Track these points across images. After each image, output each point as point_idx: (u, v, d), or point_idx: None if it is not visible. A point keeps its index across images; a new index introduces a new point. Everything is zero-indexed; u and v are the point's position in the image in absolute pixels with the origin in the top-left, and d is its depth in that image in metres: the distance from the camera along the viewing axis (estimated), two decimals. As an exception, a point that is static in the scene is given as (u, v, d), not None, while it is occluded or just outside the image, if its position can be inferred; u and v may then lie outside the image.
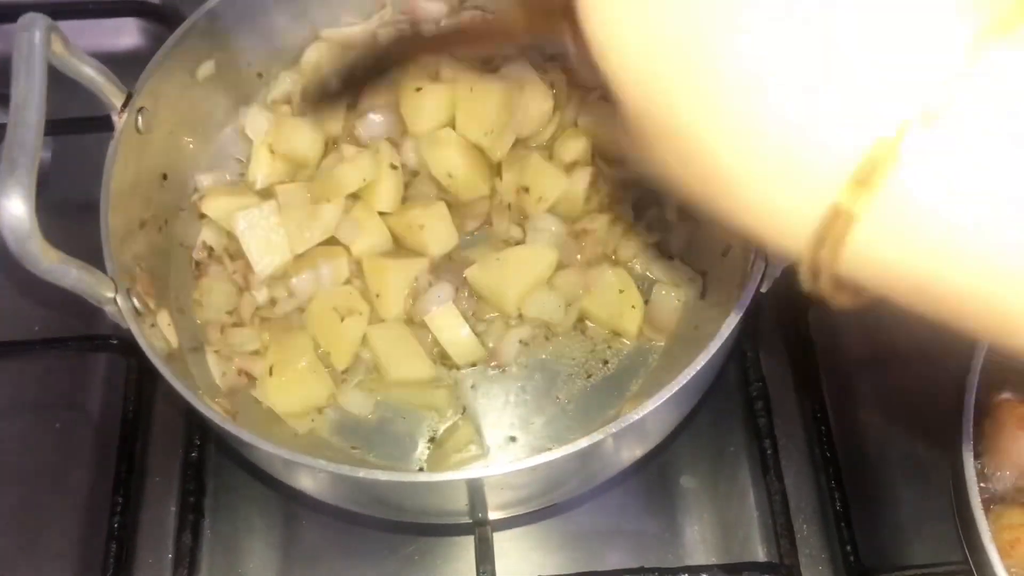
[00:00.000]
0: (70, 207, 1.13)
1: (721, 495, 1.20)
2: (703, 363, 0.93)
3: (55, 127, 1.36)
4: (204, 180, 1.23)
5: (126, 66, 1.15)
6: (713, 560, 1.15)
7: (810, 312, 1.25)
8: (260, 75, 1.29)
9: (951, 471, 1.08)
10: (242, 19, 1.21)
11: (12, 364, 1.29)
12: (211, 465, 1.21)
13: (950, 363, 1.15)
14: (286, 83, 1.29)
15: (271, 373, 1.14)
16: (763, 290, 1.00)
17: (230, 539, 1.18)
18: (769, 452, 1.16)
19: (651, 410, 0.91)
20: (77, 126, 1.31)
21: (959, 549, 1.06)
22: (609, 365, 1.21)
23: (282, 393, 1.14)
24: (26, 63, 0.90)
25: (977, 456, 1.06)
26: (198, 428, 1.20)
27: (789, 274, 1.01)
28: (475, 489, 0.94)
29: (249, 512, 1.19)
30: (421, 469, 1.13)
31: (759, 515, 1.18)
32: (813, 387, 1.21)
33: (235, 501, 1.20)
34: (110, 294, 0.96)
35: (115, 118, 1.07)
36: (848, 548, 1.10)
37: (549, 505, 1.11)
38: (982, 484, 1.03)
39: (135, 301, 1.00)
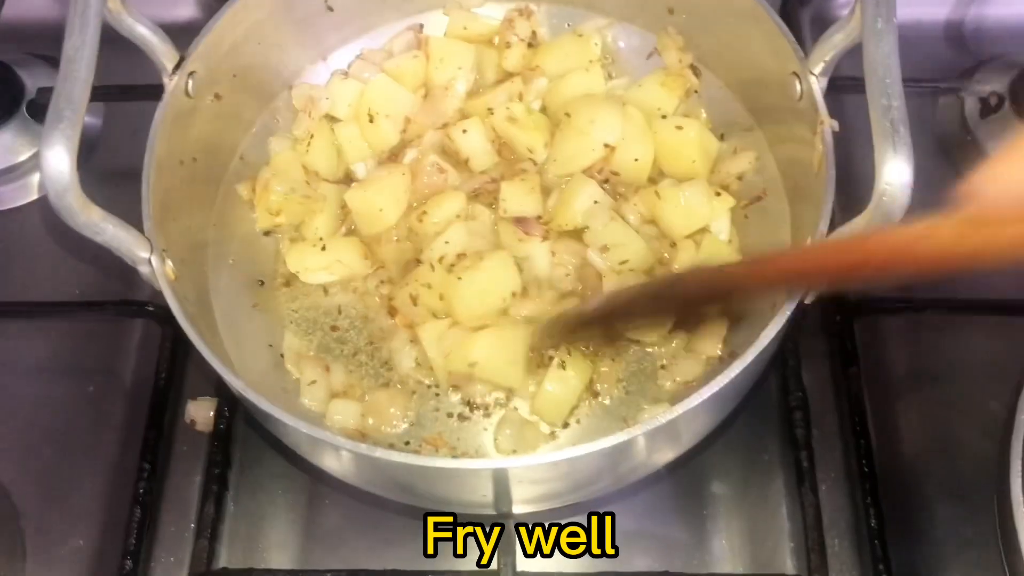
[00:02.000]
0: (117, 173, 1.13)
1: (752, 504, 1.17)
2: (737, 371, 0.90)
3: (107, 93, 1.40)
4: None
5: (180, 36, 1.14)
6: (740, 569, 1.12)
7: (856, 323, 1.22)
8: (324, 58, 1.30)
9: (996, 494, 1.04)
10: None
11: (51, 324, 1.30)
12: (238, 438, 1.21)
13: (999, 381, 1.12)
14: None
15: None
16: (807, 301, 0.97)
17: (253, 513, 1.18)
18: (805, 464, 1.13)
19: (681, 414, 0.89)
20: (128, 93, 1.32)
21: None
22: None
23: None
24: (81, 18, 0.90)
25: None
26: (227, 400, 1.19)
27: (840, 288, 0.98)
28: (500, 480, 0.92)
29: (273, 488, 1.19)
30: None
31: (790, 527, 1.15)
32: (854, 400, 1.17)
33: (260, 476, 1.19)
34: (144, 254, 0.96)
35: (166, 80, 1.07)
36: (881, 567, 1.06)
37: (575, 503, 1.09)
38: (1031, 511, 0.99)
39: (169, 264, 0.99)
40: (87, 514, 1.18)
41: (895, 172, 0.82)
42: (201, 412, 1.20)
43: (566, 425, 1.14)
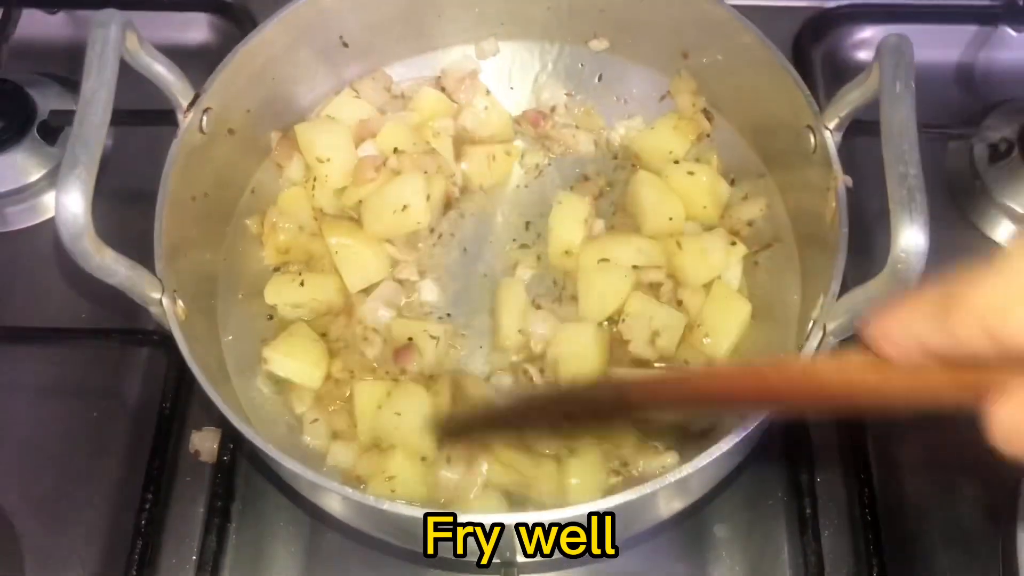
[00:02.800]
0: (127, 195, 1.13)
1: (754, 549, 1.17)
2: (751, 428, 0.90)
3: (118, 118, 1.39)
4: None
5: (192, 61, 1.15)
6: (742, 614, 1.12)
7: (861, 370, 1.22)
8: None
9: (1001, 549, 1.04)
10: (312, 28, 1.21)
11: (56, 350, 1.30)
12: (241, 470, 1.21)
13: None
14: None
15: None
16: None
17: (255, 547, 1.17)
18: (808, 511, 1.14)
19: (688, 473, 0.89)
20: (138, 117, 1.32)
21: (1003, 631, 1.02)
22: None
23: None
24: (99, 59, 0.91)
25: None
26: (231, 432, 1.19)
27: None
28: (503, 533, 0.92)
29: (275, 521, 1.19)
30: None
31: (792, 573, 1.15)
32: (858, 446, 1.17)
33: (263, 509, 1.19)
34: (156, 295, 0.96)
35: (180, 117, 1.07)
36: (882, 615, 1.06)
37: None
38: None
39: (180, 304, 0.99)
40: (88, 542, 1.18)
41: (911, 240, 0.82)
42: (205, 443, 1.20)
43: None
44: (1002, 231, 1.36)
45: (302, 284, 1.19)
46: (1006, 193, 1.35)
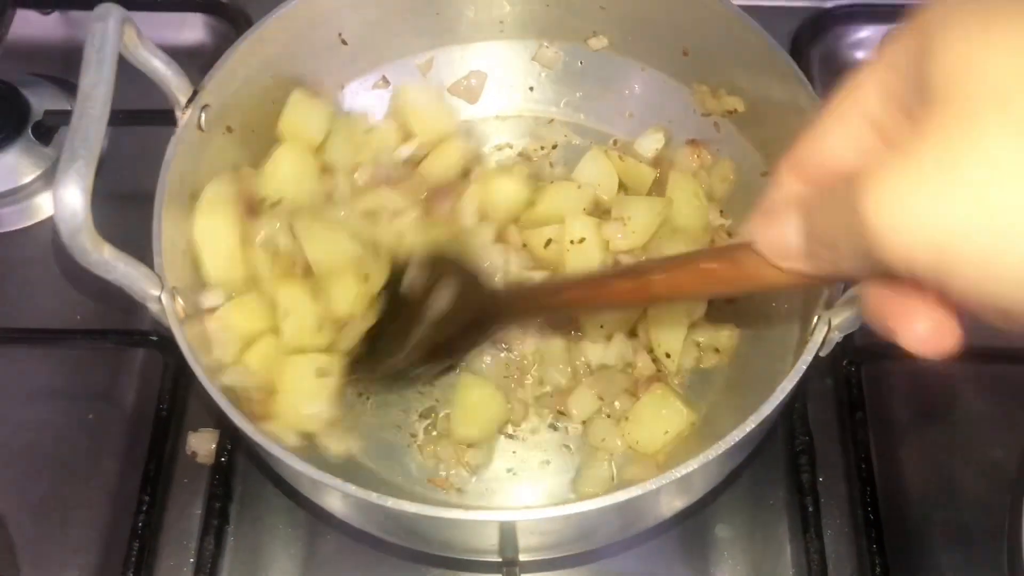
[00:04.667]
0: (123, 196, 1.11)
1: (757, 549, 1.16)
2: (751, 427, 0.90)
3: (115, 117, 1.38)
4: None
5: (188, 61, 1.13)
6: (744, 614, 1.12)
7: (863, 368, 1.22)
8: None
9: (1007, 548, 1.04)
10: (311, 26, 1.20)
11: (52, 351, 1.29)
12: (239, 471, 1.20)
13: (1005, 429, 1.12)
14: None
15: None
16: (822, 354, 0.97)
17: (253, 548, 1.16)
18: (810, 509, 1.13)
19: (685, 473, 0.89)
20: (135, 118, 1.31)
21: (1008, 629, 1.02)
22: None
23: None
24: (97, 54, 0.89)
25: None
26: (229, 433, 1.18)
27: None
28: (507, 531, 0.91)
29: (274, 523, 1.17)
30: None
31: (794, 573, 1.14)
32: (860, 445, 1.17)
33: (261, 510, 1.18)
34: (155, 292, 0.95)
35: (178, 114, 1.06)
36: (886, 614, 1.06)
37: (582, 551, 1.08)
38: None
39: (179, 301, 0.98)
40: (84, 545, 1.16)
41: (916, 232, 0.81)
42: (203, 444, 1.19)
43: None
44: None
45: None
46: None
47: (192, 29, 1.55)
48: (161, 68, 1.02)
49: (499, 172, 1.26)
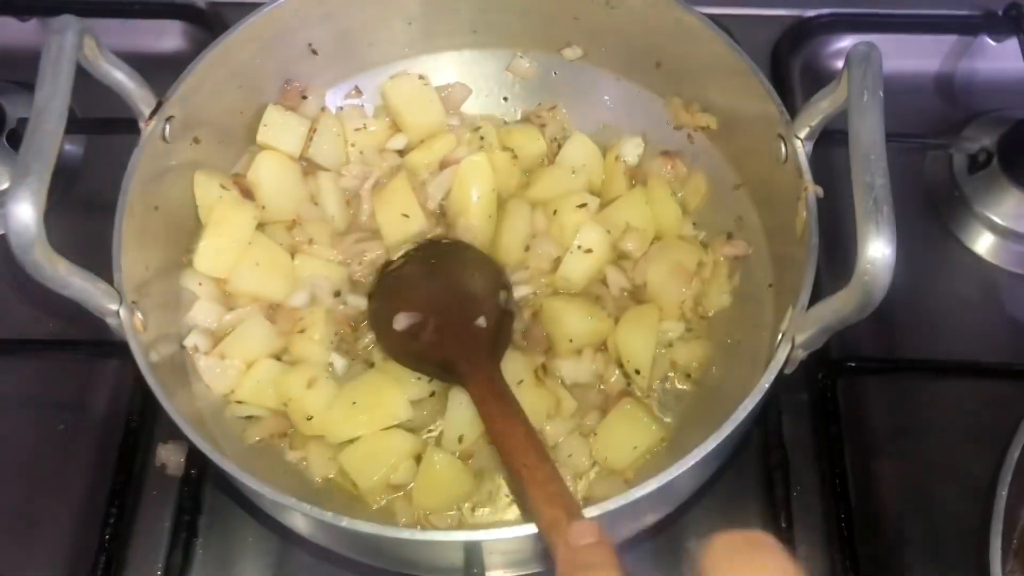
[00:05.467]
0: (96, 204, 1.10)
1: (729, 563, 1.15)
2: (711, 446, 0.90)
3: (90, 126, 1.39)
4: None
5: (165, 68, 1.14)
6: (715, 630, 1.10)
7: (839, 382, 1.21)
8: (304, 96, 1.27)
9: (975, 561, 1.03)
10: (280, 36, 1.19)
11: (23, 362, 1.28)
12: (209, 484, 1.19)
13: (979, 443, 1.11)
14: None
15: None
16: (787, 371, 0.96)
17: (222, 562, 1.15)
18: (784, 525, 1.12)
19: (650, 491, 0.88)
20: (110, 126, 1.30)
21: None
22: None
23: None
24: (53, 67, 0.89)
25: (1007, 555, 1.00)
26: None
27: (817, 349, 0.97)
28: (472, 550, 0.90)
29: (243, 536, 1.16)
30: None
31: (767, 588, 1.13)
32: (835, 460, 1.16)
33: (230, 524, 1.17)
34: (114, 306, 0.94)
35: (142, 125, 1.05)
36: (858, 629, 1.05)
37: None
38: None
39: (139, 316, 0.97)
40: (52, 557, 1.16)
41: (877, 251, 0.81)
42: (172, 456, 1.18)
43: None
44: (981, 242, 1.35)
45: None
46: (985, 203, 1.34)
47: (171, 37, 1.54)
48: (123, 79, 1.02)
49: (492, 152, 1.26)
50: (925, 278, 1.34)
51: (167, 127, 1.07)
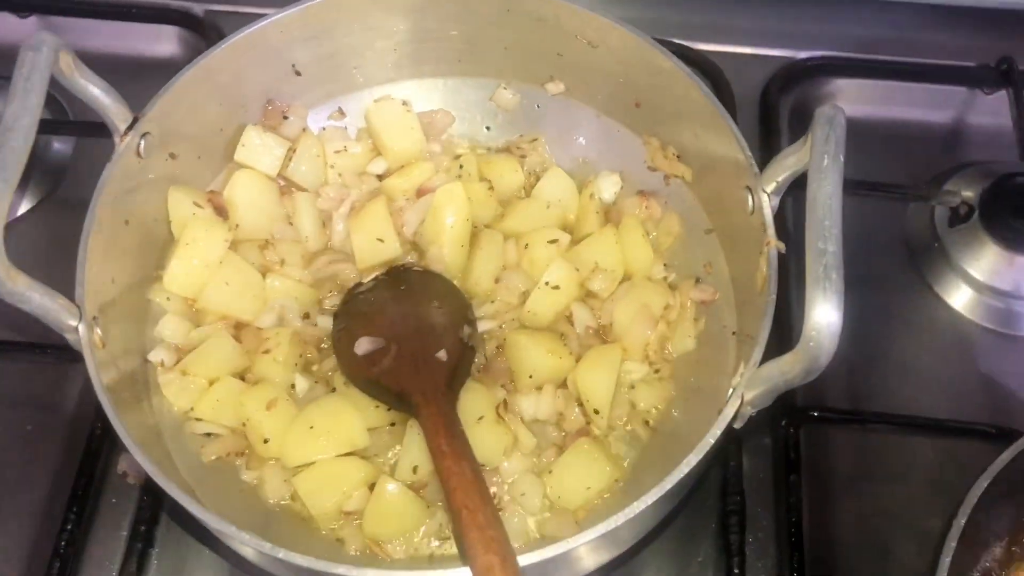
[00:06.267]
0: (81, 205, 1.10)
1: (681, 605, 1.15)
2: (651, 500, 0.91)
3: (78, 128, 1.40)
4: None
5: (159, 72, 1.15)
6: (665, 675, 1.11)
7: (801, 430, 1.21)
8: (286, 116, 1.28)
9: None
10: (263, 56, 1.20)
11: (-3, 362, 1.29)
12: (169, 496, 1.18)
13: (939, 498, 1.12)
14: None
15: None
16: (736, 426, 0.96)
17: (176, 573, 1.16)
18: (736, 570, 1.13)
19: (594, 537, 0.88)
20: (99, 130, 1.30)
21: None
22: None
23: None
24: (24, 83, 0.90)
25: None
26: (160, 455, 1.18)
27: (783, 395, 0.97)
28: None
29: (199, 551, 1.17)
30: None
31: (718, 634, 1.13)
32: (792, 509, 1.16)
33: (187, 537, 1.17)
34: (72, 322, 0.95)
35: (117, 140, 1.06)
36: None
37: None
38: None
39: (98, 332, 0.98)
40: (8, 556, 1.17)
41: (823, 317, 0.81)
42: (134, 464, 1.19)
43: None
44: (958, 296, 1.34)
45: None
46: (964, 258, 1.34)
47: (167, 42, 1.56)
48: (99, 95, 1.02)
49: (469, 181, 1.27)
50: (899, 329, 1.34)
51: (142, 143, 1.08)
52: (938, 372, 1.30)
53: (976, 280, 1.33)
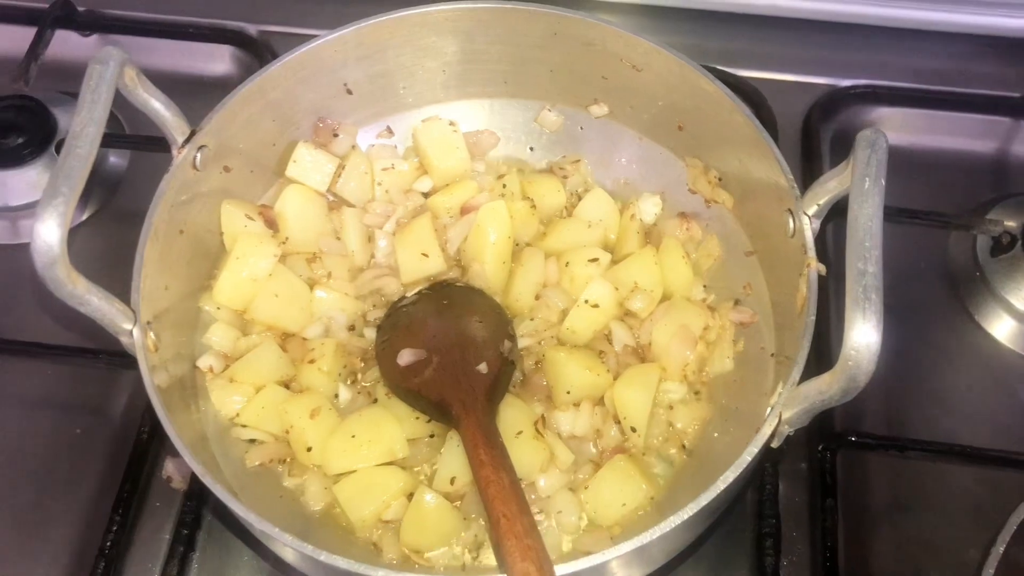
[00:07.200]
0: (136, 217, 1.13)
1: (715, 628, 1.16)
2: (687, 515, 0.91)
3: (133, 143, 1.44)
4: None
5: (213, 91, 1.19)
6: None
7: (838, 455, 1.21)
8: (336, 134, 1.30)
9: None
10: (316, 74, 1.23)
11: (46, 365, 1.33)
12: (212, 500, 1.21)
13: (977, 528, 1.11)
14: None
15: None
16: (774, 445, 0.97)
17: (217, 576, 1.18)
18: (772, 594, 1.12)
19: (628, 551, 0.89)
20: (154, 143, 1.34)
21: None
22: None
23: None
24: (92, 95, 0.93)
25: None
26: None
27: (820, 419, 0.97)
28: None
29: (240, 555, 1.19)
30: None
31: (752, 656, 1.13)
32: (828, 534, 1.16)
33: (228, 542, 1.20)
34: (127, 326, 0.98)
35: (174, 153, 1.10)
36: None
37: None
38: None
39: (152, 336, 1.01)
40: (54, 558, 1.20)
41: (862, 338, 0.82)
42: (179, 470, 1.22)
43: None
44: (1000, 326, 1.34)
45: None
46: (1006, 287, 1.34)
47: (220, 61, 1.60)
48: (159, 109, 1.06)
49: (512, 200, 1.29)
50: (939, 357, 1.33)
51: (199, 156, 1.12)
52: (977, 401, 1.30)
53: (1018, 310, 1.33)
